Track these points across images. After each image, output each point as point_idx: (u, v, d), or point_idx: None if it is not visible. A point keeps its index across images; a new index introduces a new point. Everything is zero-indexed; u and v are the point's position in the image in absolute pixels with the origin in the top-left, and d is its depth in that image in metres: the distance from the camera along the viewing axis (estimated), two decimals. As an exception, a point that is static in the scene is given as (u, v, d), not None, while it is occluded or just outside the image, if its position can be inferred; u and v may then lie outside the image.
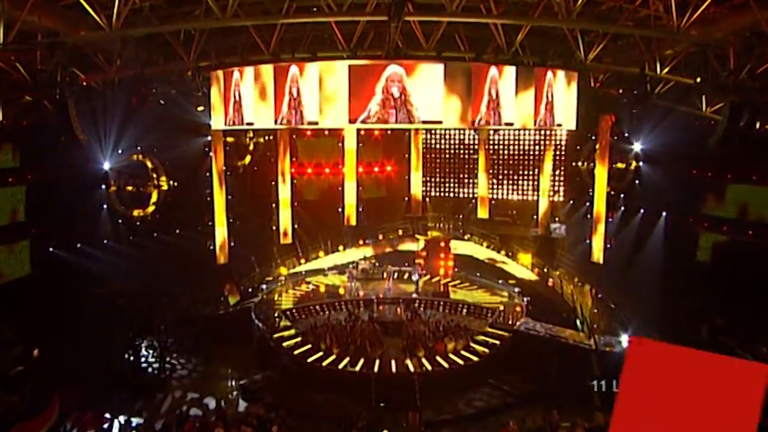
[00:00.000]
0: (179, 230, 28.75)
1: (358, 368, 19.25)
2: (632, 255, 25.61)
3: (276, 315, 23.54)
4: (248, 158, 31.25)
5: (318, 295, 26.57)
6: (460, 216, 30.80)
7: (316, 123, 17.37)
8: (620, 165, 27.32)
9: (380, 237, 30.39)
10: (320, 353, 20.38)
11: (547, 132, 29.20)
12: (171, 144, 27.35)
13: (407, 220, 31.14)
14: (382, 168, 33.95)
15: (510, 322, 22.99)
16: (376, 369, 19.16)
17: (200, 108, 24.76)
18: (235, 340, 22.52)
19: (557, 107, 19.56)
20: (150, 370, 21.77)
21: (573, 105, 20.23)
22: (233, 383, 20.66)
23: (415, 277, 27.03)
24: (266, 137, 31.56)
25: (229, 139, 29.96)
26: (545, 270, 27.41)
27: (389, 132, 33.27)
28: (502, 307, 24.26)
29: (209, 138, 26.32)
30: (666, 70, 19.38)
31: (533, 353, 19.92)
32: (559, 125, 20.11)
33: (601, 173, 25.86)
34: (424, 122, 17.31)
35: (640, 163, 26.58)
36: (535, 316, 22.80)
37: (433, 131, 32.42)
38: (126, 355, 21.86)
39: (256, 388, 19.67)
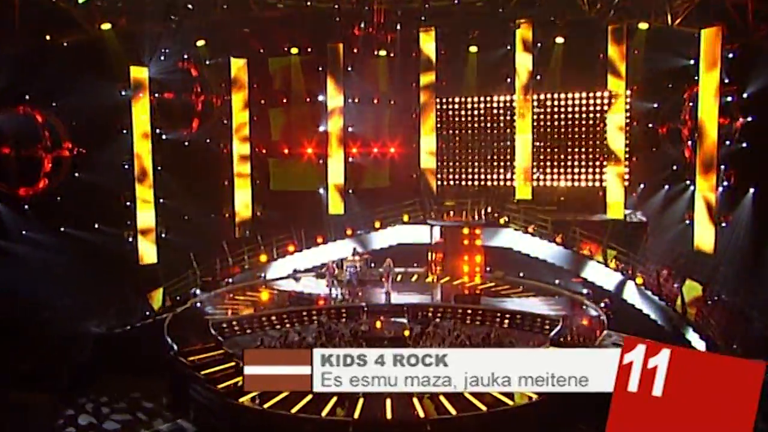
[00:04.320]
0: (99, 224, 21.57)
1: (325, 412, 13.09)
2: (753, 242, 19.67)
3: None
4: (196, 123, 23.64)
5: (277, 303, 19.24)
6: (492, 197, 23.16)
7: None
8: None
9: (377, 225, 22.75)
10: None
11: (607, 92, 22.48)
12: (78, 94, 20.33)
13: (417, 200, 23.50)
14: (384, 149, 26.05)
15: (585, 338, 15.73)
16: (357, 413, 13.02)
17: None
18: (138, 370, 16.31)
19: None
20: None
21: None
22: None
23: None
24: (224, 95, 23.96)
25: (168, 95, 22.67)
26: (627, 263, 19.83)
27: (392, 101, 25.45)
28: (561, 315, 17.24)
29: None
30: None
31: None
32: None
33: (710, 122, 19.89)
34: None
35: (749, 118, 20.61)
36: (622, 329, 15.81)
37: (452, 98, 24.50)
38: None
39: (156, 448, 14.01)
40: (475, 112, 24.19)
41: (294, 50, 23.96)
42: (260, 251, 21.97)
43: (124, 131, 21.08)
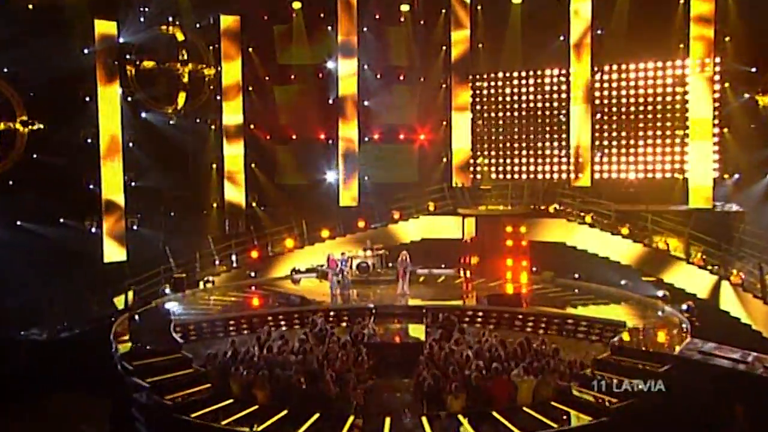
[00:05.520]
0: (57, 212, 20.25)
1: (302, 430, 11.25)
2: None
3: None
4: (182, 98, 21.89)
5: (265, 304, 17.28)
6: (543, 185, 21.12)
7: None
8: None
9: (395, 216, 20.80)
10: (228, 402, 12.38)
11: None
12: (35, 58, 19.06)
13: (446, 185, 21.67)
14: (412, 135, 24.04)
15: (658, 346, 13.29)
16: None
17: None
18: (80, 384, 14.88)
19: None
20: None
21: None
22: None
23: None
24: (217, 67, 22.22)
25: (147, 64, 21.13)
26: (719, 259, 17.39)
27: (422, 78, 23.42)
28: (631, 323, 14.65)
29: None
30: None
31: (722, 404, 11.40)
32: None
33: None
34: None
35: None
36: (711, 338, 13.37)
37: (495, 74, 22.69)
38: None
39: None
40: (522, 81, 22.27)
41: (297, 5, 22.04)
42: (253, 247, 20.20)
43: (88, 98, 19.51)
